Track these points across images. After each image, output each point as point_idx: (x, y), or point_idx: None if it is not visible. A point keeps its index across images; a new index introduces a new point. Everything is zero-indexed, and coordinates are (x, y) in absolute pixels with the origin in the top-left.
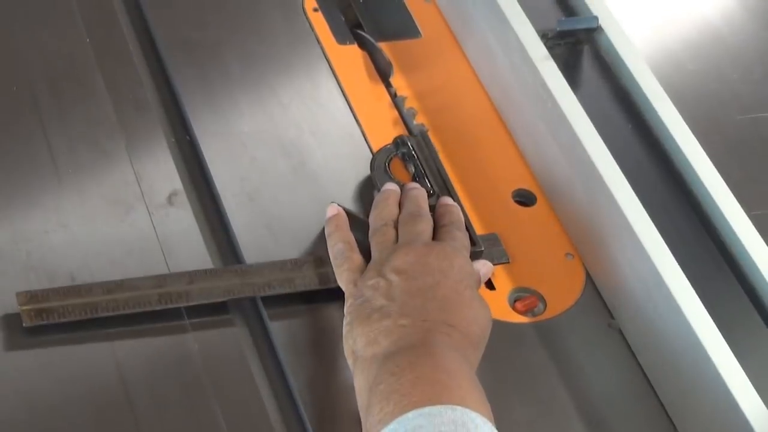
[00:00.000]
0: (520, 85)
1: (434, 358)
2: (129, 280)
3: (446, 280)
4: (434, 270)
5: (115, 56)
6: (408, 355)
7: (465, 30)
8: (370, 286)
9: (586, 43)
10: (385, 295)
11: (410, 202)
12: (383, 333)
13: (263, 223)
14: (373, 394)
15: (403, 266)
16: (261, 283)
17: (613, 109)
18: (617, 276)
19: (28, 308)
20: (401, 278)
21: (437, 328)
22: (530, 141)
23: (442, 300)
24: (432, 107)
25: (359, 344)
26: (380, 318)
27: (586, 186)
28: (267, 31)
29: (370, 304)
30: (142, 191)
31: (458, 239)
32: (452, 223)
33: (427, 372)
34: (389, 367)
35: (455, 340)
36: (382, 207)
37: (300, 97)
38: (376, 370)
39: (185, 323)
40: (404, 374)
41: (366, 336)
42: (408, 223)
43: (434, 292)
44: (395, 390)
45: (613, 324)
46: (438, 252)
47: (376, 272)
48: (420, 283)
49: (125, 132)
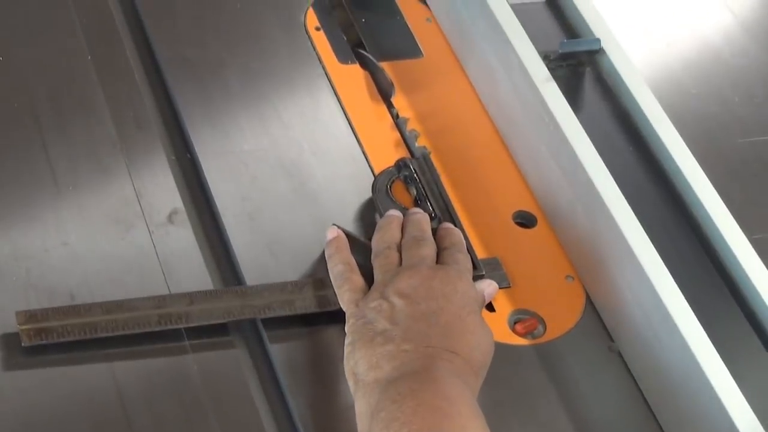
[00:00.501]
0: (522, 107)
1: (436, 384)
2: (129, 301)
3: (450, 306)
4: (438, 295)
5: (117, 73)
6: (410, 382)
7: (467, 50)
8: (373, 308)
9: (588, 65)
10: (389, 319)
11: (413, 227)
12: (386, 357)
13: (264, 243)
14: (374, 420)
15: (407, 290)
16: (261, 305)
17: (615, 132)
18: (617, 299)
19: (27, 328)
20: (405, 302)
21: (440, 354)
22: (531, 163)
23: (445, 326)
24: (433, 128)
25: (361, 367)
26: (383, 342)
27: (586, 208)
28: (268, 50)
29: (372, 327)
30: (142, 209)
31: (461, 262)
32: (453, 245)
33: (428, 399)
34: (391, 394)
35: (457, 366)
36: (385, 230)
37: (301, 117)
38: (378, 396)
39: (185, 344)
40: (405, 401)
41: (368, 360)
42: (412, 247)
43: (437, 317)
44: (396, 418)
45: (613, 347)
46: (442, 276)
47: (379, 294)
48: (423, 307)
49: (126, 149)
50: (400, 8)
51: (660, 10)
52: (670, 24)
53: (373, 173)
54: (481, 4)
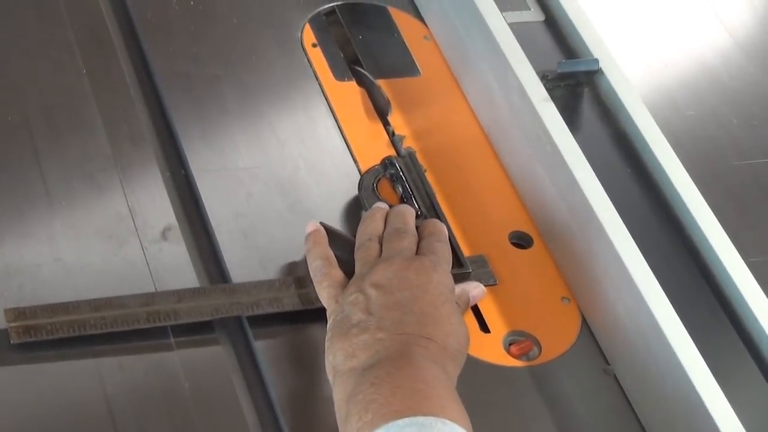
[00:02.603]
0: (519, 127)
1: (412, 369)
2: (117, 298)
3: (425, 294)
4: (412, 284)
5: (112, 89)
6: (386, 367)
7: (464, 69)
8: (350, 302)
9: (586, 86)
10: (364, 310)
11: (396, 218)
12: (361, 347)
13: (258, 261)
14: (351, 404)
15: (382, 281)
16: (249, 302)
17: (612, 153)
18: (613, 321)
19: (16, 325)
20: (379, 293)
21: (415, 341)
22: (528, 183)
23: (419, 314)
24: (430, 146)
25: (338, 359)
26: (359, 332)
27: (583, 230)
28: (265, 66)
29: (349, 320)
30: (135, 226)
31: (438, 252)
32: (432, 235)
33: (405, 382)
34: (368, 378)
35: (433, 352)
36: (368, 222)
37: (297, 134)
38: (354, 382)
39: (170, 341)
40: (383, 384)
41: (345, 350)
42: (392, 240)
43: (411, 306)
44: (374, 399)
45: (609, 370)
46: (417, 267)
47: (356, 287)
48: (397, 297)
49: (120, 165)
50: (398, 26)
51: (658, 31)
52: (668, 45)
53: None
54: (478, 22)
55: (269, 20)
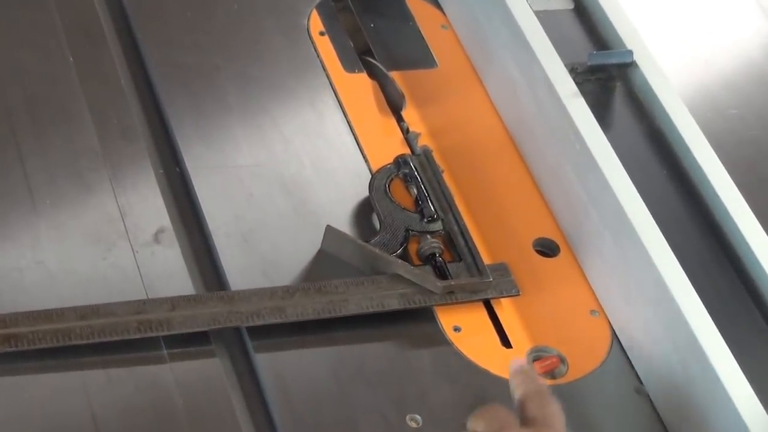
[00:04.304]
0: (546, 124)
1: None
2: (105, 306)
3: None
4: None
5: (101, 79)
6: None
7: (486, 61)
8: None
9: (618, 80)
10: None
11: None
12: None
13: (259, 268)
14: None
15: None
16: (249, 311)
17: (647, 154)
18: (647, 337)
19: None
20: None
21: None
22: (555, 186)
23: None
24: (447, 145)
25: None
26: None
27: (615, 237)
28: (268, 56)
29: None
30: (126, 228)
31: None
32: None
33: None
34: None
35: None
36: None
37: (303, 130)
38: None
39: (163, 354)
40: None
41: None
42: None
43: None
44: None
45: (641, 390)
46: None
47: None
48: None
49: (110, 162)
50: (413, 13)
51: (698, 22)
52: (708, 37)
53: None
54: (502, 10)
55: (273, 6)
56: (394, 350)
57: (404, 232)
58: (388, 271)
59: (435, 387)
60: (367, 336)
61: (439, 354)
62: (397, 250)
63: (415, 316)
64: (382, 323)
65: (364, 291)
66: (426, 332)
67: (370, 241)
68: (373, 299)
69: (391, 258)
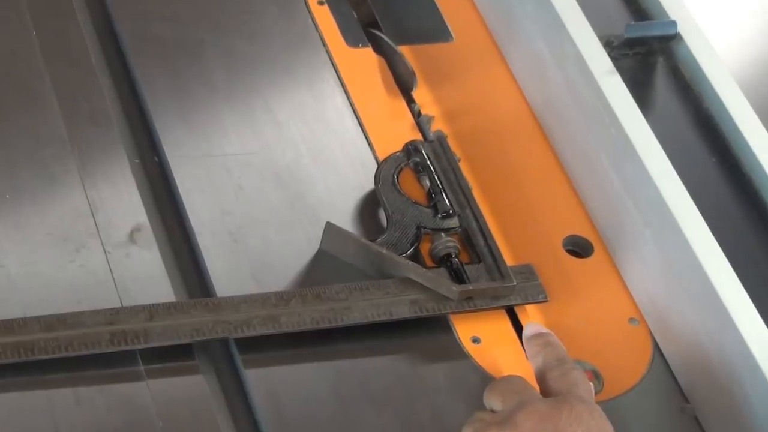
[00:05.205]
0: (577, 106)
1: None
2: (74, 315)
3: None
4: None
5: (68, 56)
6: None
7: (508, 34)
8: None
9: (660, 55)
10: None
11: None
12: None
13: (249, 271)
14: None
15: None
16: (238, 321)
17: (694, 139)
18: (695, 350)
19: None
20: None
21: None
22: (588, 176)
23: None
24: (464, 130)
25: None
26: None
27: (657, 235)
28: (259, 29)
29: None
30: (97, 225)
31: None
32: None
33: None
34: None
35: None
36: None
37: (299, 113)
38: None
39: (139, 369)
40: None
41: None
42: None
43: None
44: None
45: (688, 409)
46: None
47: None
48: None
49: (78, 151)
50: None
51: None
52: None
53: None
54: None
55: None
56: (403, 365)
57: (415, 230)
58: (397, 274)
59: (451, 407)
60: (372, 349)
61: (455, 369)
62: (407, 251)
63: (428, 326)
64: (390, 334)
65: (369, 297)
66: (440, 344)
67: (377, 240)
68: (379, 307)
69: (401, 259)
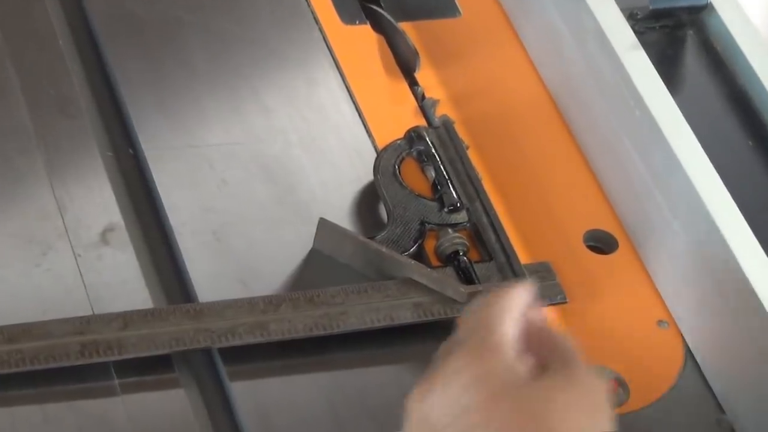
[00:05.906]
0: (598, 85)
1: None
2: (40, 324)
3: None
4: None
5: (33, 38)
6: None
7: (521, 7)
8: None
9: (689, 27)
10: None
11: None
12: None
13: (234, 273)
14: None
15: None
16: (222, 329)
17: (727, 121)
18: (730, 355)
19: None
20: None
21: None
22: (610, 163)
23: None
24: (473, 114)
25: None
26: None
27: (688, 227)
28: (244, 6)
29: None
30: (65, 225)
31: None
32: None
33: None
34: None
35: None
36: None
37: (289, 98)
38: None
39: (113, 384)
40: None
41: None
42: None
43: None
44: None
45: (723, 421)
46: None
47: None
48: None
49: (45, 144)
50: None
51: None
52: None
53: None
54: None
55: None
56: (406, 375)
57: (419, 226)
58: (399, 275)
59: None
60: (371, 358)
61: None
62: (409, 249)
63: (434, 332)
64: (391, 341)
65: (367, 301)
66: None
67: (376, 237)
68: (379, 311)
69: (403, 258)
